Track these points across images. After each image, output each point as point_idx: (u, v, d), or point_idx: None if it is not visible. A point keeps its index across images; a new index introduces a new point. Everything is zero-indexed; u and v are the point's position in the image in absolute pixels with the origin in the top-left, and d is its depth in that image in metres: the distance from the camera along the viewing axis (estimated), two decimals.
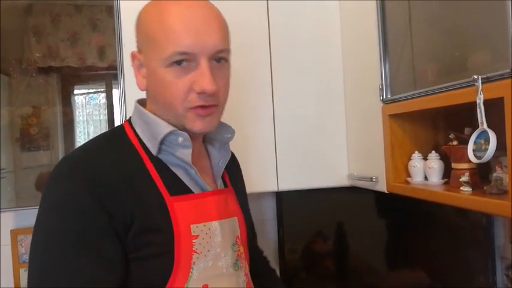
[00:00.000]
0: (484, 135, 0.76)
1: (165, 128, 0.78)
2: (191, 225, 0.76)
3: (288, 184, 1.36)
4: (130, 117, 0.86)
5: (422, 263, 1.42)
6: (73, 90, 1.47)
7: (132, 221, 0.71)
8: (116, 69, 1.26)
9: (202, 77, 0.73)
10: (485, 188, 0.84)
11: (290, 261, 1.69)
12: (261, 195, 1.76)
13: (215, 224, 0.80)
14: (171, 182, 0.78)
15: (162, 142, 0.79)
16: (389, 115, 1.10)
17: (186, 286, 0.74)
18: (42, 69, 1.40)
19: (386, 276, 1.48)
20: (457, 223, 1.34)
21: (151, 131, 0.80)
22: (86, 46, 1.42)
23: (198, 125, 0.78)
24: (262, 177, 1.34)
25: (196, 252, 0.75)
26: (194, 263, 0.75)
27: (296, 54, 1.37)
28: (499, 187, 0.83)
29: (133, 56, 0.82)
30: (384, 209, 1.51)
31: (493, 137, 0.74)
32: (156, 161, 0.78)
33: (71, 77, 1.44)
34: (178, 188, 0.78)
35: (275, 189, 1.35)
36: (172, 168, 0.79)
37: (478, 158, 0.78)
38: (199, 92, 0.74)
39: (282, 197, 1.68)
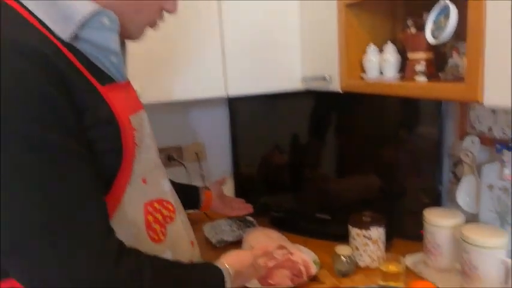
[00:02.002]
0: (444, 11, 0.69)
1: (85, 6, 0.65)
2: (130, 117, 0.72)
3: (238, 89, 1.27)
4: None
5: (373, 167, 1.42)
6: None
7: (83, 111, 0.63)
8: None
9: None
10: (440, 74, 0.80)
11: (245, 174, 1.68)
12: (212, 106, 1.67)
13: (144, 114, 0.79)
14: (94, 71, 0.68)
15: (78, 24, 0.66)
16: (346, 5, 1.00)
17: (129, 182, 0.71)
18: None
19: (340, 183, 1.49)
20: (408, 125, 1.33)
21: (62, 11, 0.65)
22: None
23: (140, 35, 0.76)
24: (210, 82, 1.25)
25: (137, 145, 0.73)
26: (135, 156, 0.72)
27: None
28: (455, 73, 0.78)
29: None
30: (337, 115, 1.47)
31: (453, 10, 0.67)
32: (69, 47, 0.66)
33: None
34: (103, 77, 0.70)
35: (224, 94, 1.26)
36: (86, 55, 0.69)
37: (436, 38, 0.71)
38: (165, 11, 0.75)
39: (234, 108, 1.62)
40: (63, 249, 0.57)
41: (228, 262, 0.82)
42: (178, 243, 0.81)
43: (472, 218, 1.14)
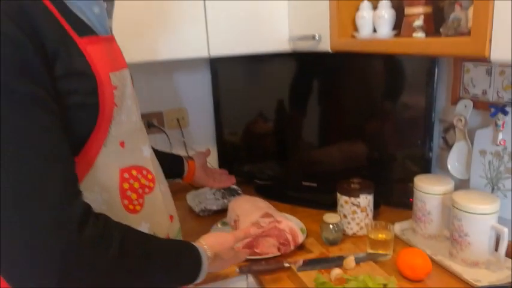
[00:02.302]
0: None
1: None
2: (110, 74, 0.66)
3: (221, 49, 1.19)
4: None
5: (360, 134, 1.38)
6: None
7: (54, 60, 0.58)
8: None
9: None
10: (441, 29, 0.74)
11: (229, 141, 1.62)
12: (194, 69, 1.59)
13: (127, 74, 0.73)
14: (73, 20, 0.63)
15: None
16: None
17: (104, 144, 0.66)
18: None
19: (326, 151, 1.45)
20: (397, 90, 1.28)
21: None
22: None
23: None
24: (192, 42, 1.16)
25: (116, 105, 0.67)
26: (114, 117, 0.67)
27: None
28: (457, 28, 0.72)
29: None
30: (323, 81, 1.41)
31: None
32: None
33: None
34: (83, 28, 0.64)
35: (206, 55, 1.17)
36: (67, 3, 0.63)
37: None
38: None
39: (216, 72, 1.54)
40: (26, 209, 0.53)
41: (207, 243, 0.78)
42: (156, 215, 0.76)
43: (462, 185, 1.11)
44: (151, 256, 0.65)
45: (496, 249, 0.97)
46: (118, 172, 0.68)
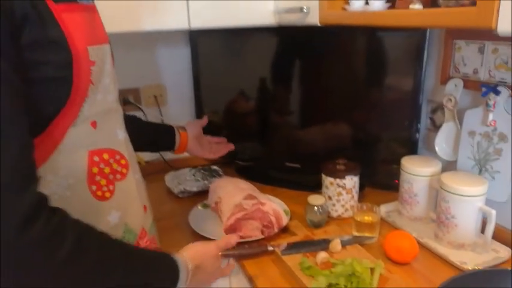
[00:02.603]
0: None
1: None
2: (88, 47, 0.59)
3: (201, 21, 1.11)
4: None
5: (346, 115, 1.34)
6: None
7: (23, 25, 0.51)
8: None
9: None
10: (441, 1, 0.69)
11: (209, 120, 1.55)
12: (173, 44, 1.50)
13: (108, 49, 0.66)
14: None
15: None
16: None
17: (73, 124, 0.60)
18: None
19: (310, 131, 1.41)
20: (385, 68, 1.24)
21: None
22: None
23: None
24: (171, 13, 1.08)
25: (92, 83, 0.61)
26: (88, 95, 0.61)
27: None
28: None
29: None
30: (308, 59, 1.36)
31: None
32: None
33: None
34: None
35: (186, 27, 1.10)
36: None
37: None
38: None
39: (196, 47, 1.47)
40: None
41: (188, 254, 0.71)
42: (129, 204, 0.70)
43: (449, 166, 1.09)
44: (112, 263, 0.56)
45: (482, 231, 0.96)
46: (87, 155, 0.62)
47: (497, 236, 0.97)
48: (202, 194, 1.28)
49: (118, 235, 0.67)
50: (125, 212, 0.68)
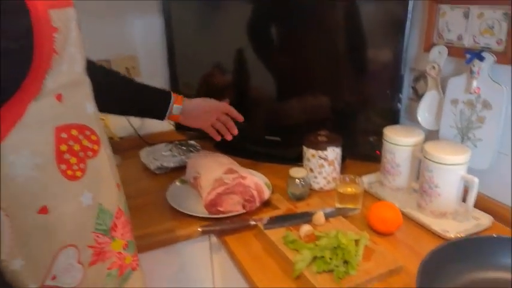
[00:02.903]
0: None
1: None
2: (50, 11, 0.52)
3: None
4: None
5: (327, 85, 1.31)
6: None
7: None
8: None
9: None
10: None
11: (184, 94, 1.48)
12: (145, 13, 1.42)
13: (73, 14, 0.58)
14: None
15: None
16: None
17: (36, 98, 0.53)
18: None
19: (289, 103, 1.37)
20: (366, 36, 1.21)
21: None
22: None
23: None
24: None
25: (56, 53, 0.54)
26: (52, 67, 0.54)
27: None
28: None
29: None
30: (287, 28, 1.30)
31: None
32: None
33: None
34: None
35: None
36: None
37: None
38: None
39: (170, 16, 1.39)
40: None
41: None
42: (102, 184, 0.64)
43: (430, 136, 1.08)
44: None
45: (464, 200, 0.95)
46: (53, 131, 0.55)
47: (478, 204, 0.97)
48: (179, 170, 1.24)
49: (92, 217, 0.62)
50: (98, 191, 0.63)
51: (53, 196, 0.53)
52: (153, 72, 1.47)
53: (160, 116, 1.11)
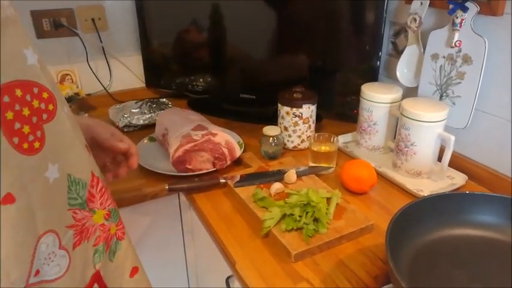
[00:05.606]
0: None
1: None
2: None
3: None
4: None
5: (303, 43, 1.25)
6: None
7: None
8: None
9: None
10: None
11: (157, 51, 1.41)
12: None
13: None
14: None
15: None
16: None
17: None
18: None
19: (266, 61, 1.31)
20: None
21: None
22: None
23: None
24: None
25: None
26: None
27: None
28: None
29: None
30: None
31: None
32: None
33: None
34: None
35: None
36: None
37: None
38: None
39: None
40: None
41: None
42: (67, 150, 0.52)
43: (409, 93, 1.04)
44: None
45: (439, 159, 0.93)
46: None
47: (452, 163, 0.94)
48: (149, 128, 1.18)
49: (63, 192, 0.51)
50: (64, 160, 0.51)
51: (14, 179, 0.43)
52: (122, 25, 1.38)
53: None
